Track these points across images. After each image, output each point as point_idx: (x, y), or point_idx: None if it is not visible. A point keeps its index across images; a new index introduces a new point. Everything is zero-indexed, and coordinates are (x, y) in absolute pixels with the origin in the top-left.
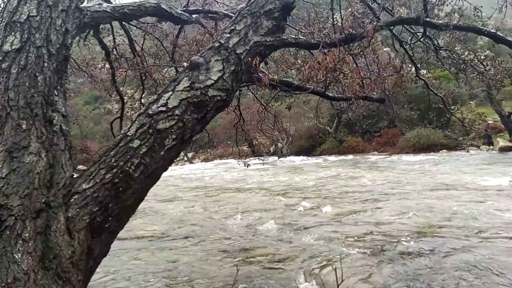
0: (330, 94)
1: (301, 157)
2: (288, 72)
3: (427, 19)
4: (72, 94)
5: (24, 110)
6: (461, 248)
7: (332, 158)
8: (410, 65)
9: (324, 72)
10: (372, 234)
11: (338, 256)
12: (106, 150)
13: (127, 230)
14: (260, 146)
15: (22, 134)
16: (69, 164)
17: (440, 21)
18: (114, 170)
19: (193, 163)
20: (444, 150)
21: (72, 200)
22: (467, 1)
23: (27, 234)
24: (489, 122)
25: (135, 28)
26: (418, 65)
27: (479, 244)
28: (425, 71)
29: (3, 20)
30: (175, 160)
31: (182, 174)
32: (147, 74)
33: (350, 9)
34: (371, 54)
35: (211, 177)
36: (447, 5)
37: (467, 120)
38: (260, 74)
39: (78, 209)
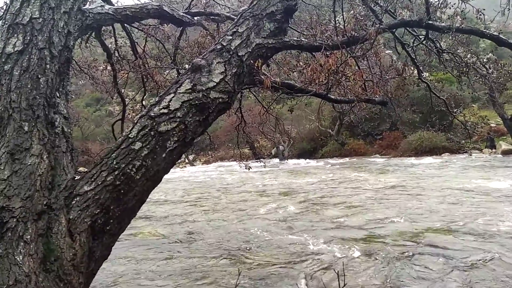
0: (332, 97)
1: (303, 160)
2: (290, 74)
3: (430, 22)
4: (73, 96)
5: (26, 112)
6: (463, 250)
7: (333, 161)
8: (412, 68)
9: (326, 75)
10: (374, 237)
11: (340, 260)
12: (108, 152)
13: (128, 233)
14: (262, 148)
15: (24, 136)
16: (71, 166)
17: (443, 24)
18: (116, 172)
19: (194, 165)
20: (447, 153)
21: (74, 202)
22: (470, 3)
23: (29, 236)
24: (492, 125)
25: (137, 30)
26: (421, 68)
27: (481, 247)
28: (427, 74)
29: (6, 22)
30: (176, 162)
31: (183, 176)
32: (148, 76)
33: (352, 12)
34: (374, 57)
35: (212, 179)
36: (450, 8)
37: (469, 123)
38: (262, 77)
39: (79, 211)
